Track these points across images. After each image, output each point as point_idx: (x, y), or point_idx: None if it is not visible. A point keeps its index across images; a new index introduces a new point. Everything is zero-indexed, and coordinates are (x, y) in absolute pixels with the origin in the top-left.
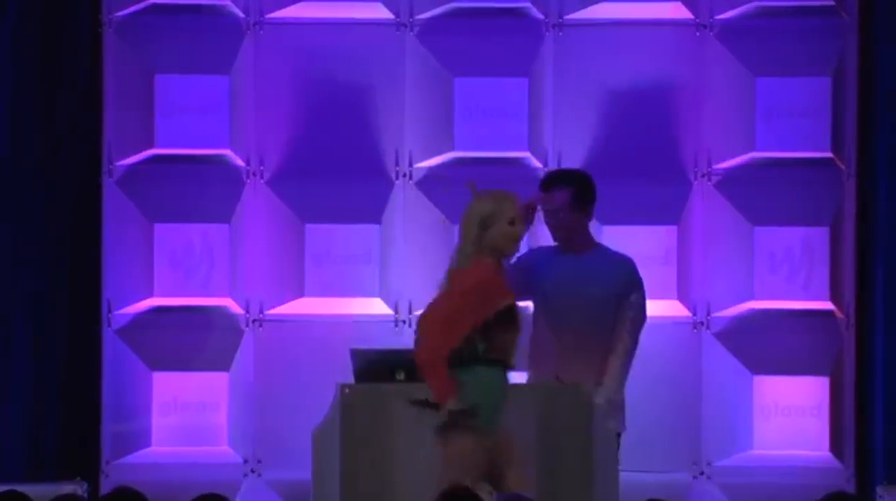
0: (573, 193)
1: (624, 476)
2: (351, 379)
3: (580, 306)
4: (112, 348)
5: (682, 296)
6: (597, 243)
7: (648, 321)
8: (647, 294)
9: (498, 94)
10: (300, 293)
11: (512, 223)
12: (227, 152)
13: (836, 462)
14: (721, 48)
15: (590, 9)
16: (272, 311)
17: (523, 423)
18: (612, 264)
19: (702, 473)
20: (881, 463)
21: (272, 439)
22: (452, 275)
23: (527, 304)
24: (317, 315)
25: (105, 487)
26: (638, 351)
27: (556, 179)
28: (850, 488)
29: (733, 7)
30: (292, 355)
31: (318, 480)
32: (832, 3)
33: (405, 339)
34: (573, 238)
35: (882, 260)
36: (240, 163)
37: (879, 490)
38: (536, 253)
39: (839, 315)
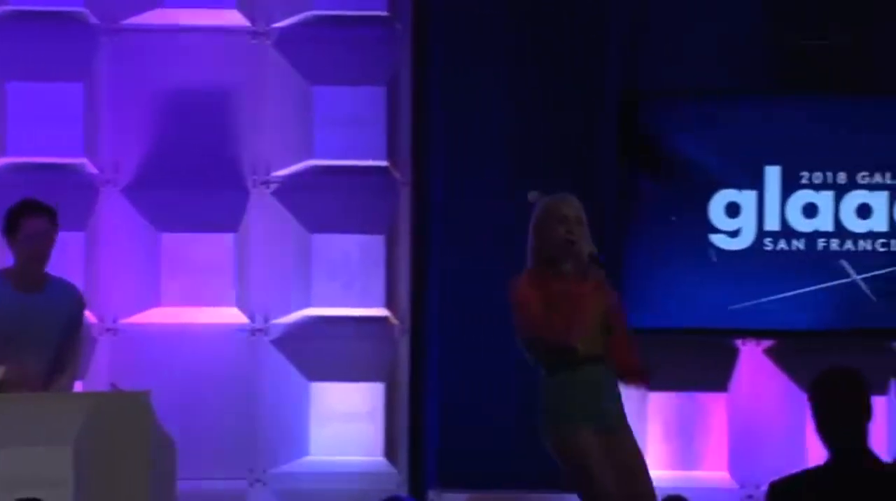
0: (54, 220)
1: (180, 485)
2: None
3: (42, 341)
4: None
5: (241, 304)
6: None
7: (205, 328)
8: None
9: (52, 100)
10: None
11: (561, 223)
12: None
13: (390, 467)
14: (278, 56)
15: (147, 14)
16: None
17: (70, 432)
18: (66, 295)
19: (258, 480)
20: (433, 467)
21: None
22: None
23: None
24: None
25: None
26: (193, 358)
27: (42, 206)
28: (404, 492)
29: (290, 15)
30: None
31: None
32: (386, 13)
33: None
34: (43, 269)
35: (436, 267)
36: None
37: (432, 494)
38: None
39: (394, 321)
